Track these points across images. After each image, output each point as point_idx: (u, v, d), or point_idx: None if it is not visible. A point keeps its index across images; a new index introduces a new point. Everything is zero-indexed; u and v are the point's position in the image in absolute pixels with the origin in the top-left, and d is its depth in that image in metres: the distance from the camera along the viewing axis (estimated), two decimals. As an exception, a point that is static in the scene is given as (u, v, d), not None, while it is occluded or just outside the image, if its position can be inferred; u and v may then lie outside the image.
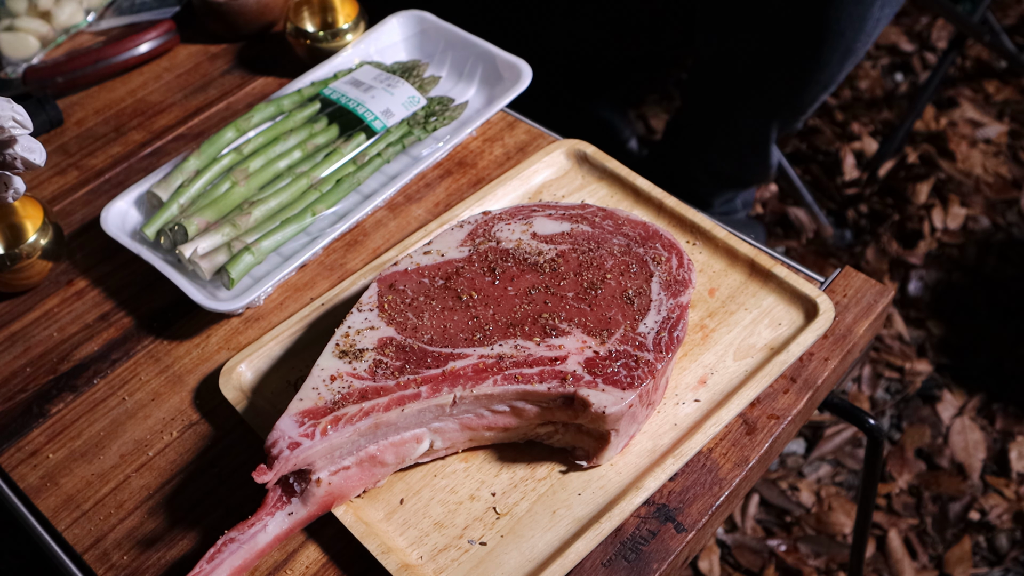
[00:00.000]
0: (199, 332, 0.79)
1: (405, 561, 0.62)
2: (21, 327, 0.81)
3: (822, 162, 1.98)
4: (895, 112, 2.06)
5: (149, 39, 1.04)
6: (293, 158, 0.89)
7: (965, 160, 1.95)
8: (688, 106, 1.70)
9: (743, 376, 0.71)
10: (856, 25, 1.32)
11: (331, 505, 0.64)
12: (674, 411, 0.70)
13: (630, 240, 0.73)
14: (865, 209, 1.89)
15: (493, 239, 0.73)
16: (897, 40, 2.22)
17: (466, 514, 0.65)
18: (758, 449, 0.68)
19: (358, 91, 0.91)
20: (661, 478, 0.65)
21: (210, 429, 0.73)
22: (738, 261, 0.78)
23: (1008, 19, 2.24)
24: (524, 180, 0.86)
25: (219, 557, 0.60)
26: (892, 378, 1.64)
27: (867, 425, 0.81)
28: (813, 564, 1.43)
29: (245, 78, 1.03)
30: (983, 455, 1.54)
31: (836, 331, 0.75)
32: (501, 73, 0.95)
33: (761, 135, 1.54)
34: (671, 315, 0.68)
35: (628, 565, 0.63)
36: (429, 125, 0.91)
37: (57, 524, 0.68)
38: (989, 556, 1.43)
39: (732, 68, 1.50)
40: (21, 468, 0.72)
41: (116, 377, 0.77)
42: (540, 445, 0.68)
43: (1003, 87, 2.10)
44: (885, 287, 0.77)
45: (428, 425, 0.65)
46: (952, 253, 1.81)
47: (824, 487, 1.52)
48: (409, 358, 0.65)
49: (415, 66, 0.96)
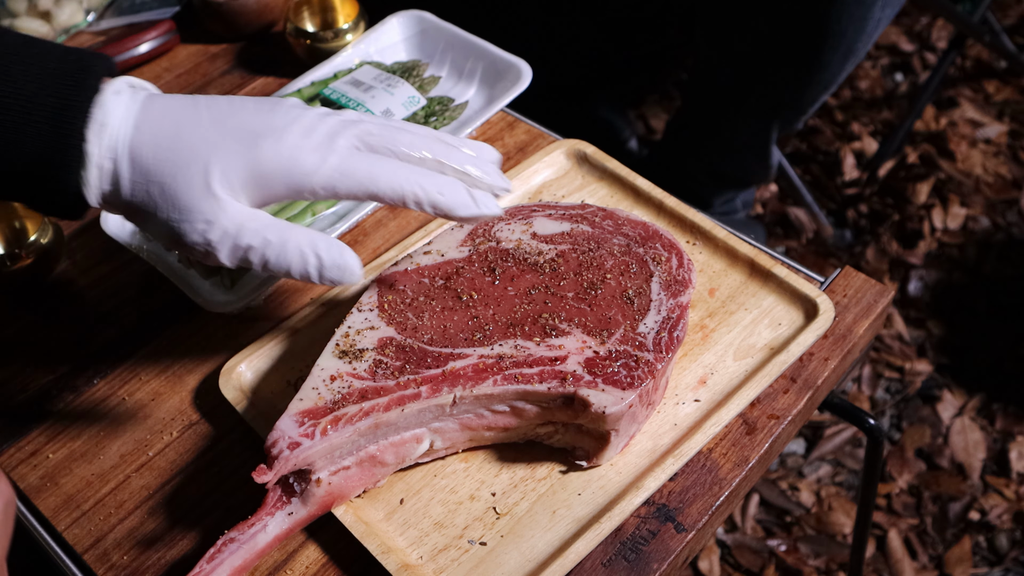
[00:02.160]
0: (199, 332, 0.79)
1: (405, 561, 0.62)
2: (21, 327, 0.81)
3: (822, 162, 1.98)
4: (895, 112, 2.06)
5: (149, 39, 1.04)
6: (293, 158, 0.88)
7: (965, 160, 1.95)
8: (688, 106, 1.70)
9: (743, 376, 0.71)
10: (857, 25, 1.32)
11: (331, 505, 0.64)
12: (674, 411, 0.70)
13: (630, 240, 0.73)
14: (865, 209, 1.89)
15: (493, 239, 0.73)
16: (897, 40, 2.22)
17: (466, 514, 0.66)
18: (758, 449, 0.68)
19: (358, 91, 0.91)
20: (661, 478, 0.65)
21: (210, 429, 0.73)
22: (738, 261, 0.78)
23: (1008, 19, 2.24)
24: (524, 180, 0.86)
25: (219, 557, 0.60)
26: (892, 378, 1.64)
27: (867, 425, 0.81)
28: (813, 564, 1.43)
29: (245, 78, 1.03)
30: (983, 455, 1.54)
31: (836, 331, 0.75)
32: (501, 73, 0.95)
33: (761, 135, 1.54)
34: (671, 315, 0.68)
35: (628, 565, 0.63)
36: (429, 125, 0.91)
37: (57, 524, 0.68)
38: (989, 556, 1.43)
39: (732, 68, 1.50)
40: (21, 468, 0.72)
41: (116, 377, 0.77)
42: (540, 445, 0.68)
43: (1003, 87, 2.10)
44: (885, 287, 0.77)
45: (428, 425, 0.65)
46: (952, 253, 1.81)
47: (824, 487, 1.52)
48: (409, 358, 0.65)
49: (415, 66, 0.96)
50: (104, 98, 0.56)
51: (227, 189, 0.56)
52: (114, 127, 0.56)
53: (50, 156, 0.55)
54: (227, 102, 0.58)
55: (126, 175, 0.56)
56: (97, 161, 0.56)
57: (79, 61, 0.56)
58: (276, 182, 0.57)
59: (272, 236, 0.57)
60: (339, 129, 0.58)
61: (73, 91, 0.55)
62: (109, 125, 0.56)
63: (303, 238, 0.58)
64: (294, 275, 0.58)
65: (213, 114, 0.57)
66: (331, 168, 0.57)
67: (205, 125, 0.57)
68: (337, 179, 0.57)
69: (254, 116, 0.58)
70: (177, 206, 0.56)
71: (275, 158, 0.56)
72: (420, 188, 0.58)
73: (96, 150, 0.55)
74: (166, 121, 0.57)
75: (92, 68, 0.56)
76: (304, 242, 0.57)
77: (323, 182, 0.57)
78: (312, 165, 0.57)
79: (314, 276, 0.58)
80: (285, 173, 0.57)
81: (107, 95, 0.56)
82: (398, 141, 0.60)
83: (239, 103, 0.58)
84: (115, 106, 0.56)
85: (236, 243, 0.57)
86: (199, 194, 0.55)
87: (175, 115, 0.57)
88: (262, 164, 0.56)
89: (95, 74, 0.56)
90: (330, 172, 0.57)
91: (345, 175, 0.57)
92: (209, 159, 0.56)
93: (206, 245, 0.56)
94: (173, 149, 0.56)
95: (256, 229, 0.57)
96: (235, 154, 0.56)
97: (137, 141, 0.56)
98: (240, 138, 0.56)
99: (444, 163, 0.60)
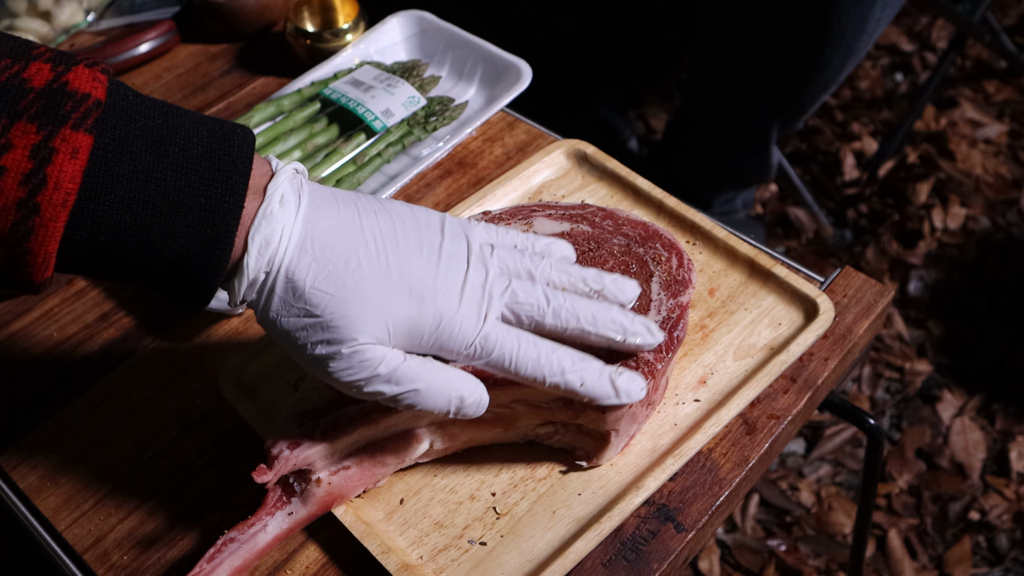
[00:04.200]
0: (199, 332, 0.79)
1: (405, 561, 0.62)
2: (21, 327, 0.81)
3: (822, 162, 1.98)
4: (895, 112, 2.06)
5: (149, 39, 1.04)
6: (293, 158, 0.89)
7: (965, 160, 1.95)
8: (688, 106, 1.70)
9: (743, 376, 0.71)
10: (857, 25, 1.32)
11: (331, 505, 0.64)
12: (674, 411, 0.70)
13: (630, 240, 0.73)
14: (865, 209, 1.89)
15: (493, 239, 0.72)
16: (897, 40, 2.22)
17: (466, 514, 0.66)
18: (758, 449, 0.68)
19: (358, 91, 0.91)
20: (661, 478, 0.65)
21: (210, 429, 0.73)
22: (738, 261, 0.78)
23: (1008, 19, 2.24)
24: (524, 180, 0.86)
25: (219, 557, 0.60)
26: (892, 378, 1.64)
27: (867, 425, 0.81)
28: (813, 564, 1.43)
29: (245, 78, 1.03)
30: (983, 455, 1.54)
31: (836, 331, 0.75)
32: (501, 73, 0.95)
33: (761, 135, 1.54)
34: (671, 315, 0.68)
35: (628, 565, 0.63)
36: (429, 125, 0.91)
37: (57, 524, 0.68)
38: (989, 556, 1.43)
39: (732, 68, 1.50)
40: (21, 468, 0.72)
41: (116, 377, 0.77)
42: (540, 445, 0.68)
43: (1003, 87, 2.10)
44: (885, 287, 0.77)
45: (428, 425, 0.65)
46: (952, 253, 1.81)
47: (824, 487, 1.52)
48: (409, 358, 0.65)
49: (415, 66, 0.96)
50: (270, 207, 0.53)
51: (383, 339, 0.55)
52: (274, 244, 0.53)
53: (199, 267, 0.52)
54: (391, 231, 0.56)
55: (278, 294, 0.54)
56: (252, 276, 0.53)
57: (224, 144, 0.52)
58: (428, 341, 0.56)
59: (421, 385, 0.56)
60: (494, 292, 0.57)
61: (225, 191, 0.51)
62: (271, 244, 0.53)
63: (452, 382, 0.57)
64: (437, 413, 0.58)
65: (379, 251, 0.55)
66: (480, 342, 0.56)
67: (371, 266, 0.55)
68: (480, 354, 0.57)
69: (422, 268, 0.56)
70: (330, 342, 0.54)
71: (434, 322, 0.56)
72: (561, 377, 0.58)
73: (254, 264, 0.53)
74: (329, 249, 0.54)
75: (240, 155, 0.53)
76: (452, 388, 0.57)
77: (469, 354, 0.57)
78: (467, 336, 0.56)
79: (452, 414, 0.58)
80: (439, 337, 0.56)
81: (272, 203, 0.53)
82: (544, 312, 0.58)
83: (403, 236, 0.56)
84: (280, 218, 0.53)
85: (379, 389, 0.56)
86: (355, 337, 0.54)
87: (340, 243, 0.54)
88: (422, 325, 0.55)
89: (244, 163, 0.52)
90: (478, 346, 0.57)
91: (492, 352, 0.57)
92: (372, 309, 0.54)
93: (352, 386, 0.56)
94: (337, 286, 0.53)
95: (408, 377, 0.56)
96: (398, 308, 0.55)
97: (297, 265, 0.53)
98: (405, 293, 0.55)
99: (590, 333, 0.59)
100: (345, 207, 0.56)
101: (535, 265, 0.60)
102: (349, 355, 0.54)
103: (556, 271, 0.61)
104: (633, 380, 0.60)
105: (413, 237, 0.57)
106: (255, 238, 0.52)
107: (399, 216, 0.57)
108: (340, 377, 0.55)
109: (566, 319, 0.59)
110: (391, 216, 0.57)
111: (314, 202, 0.55)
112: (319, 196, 0.56)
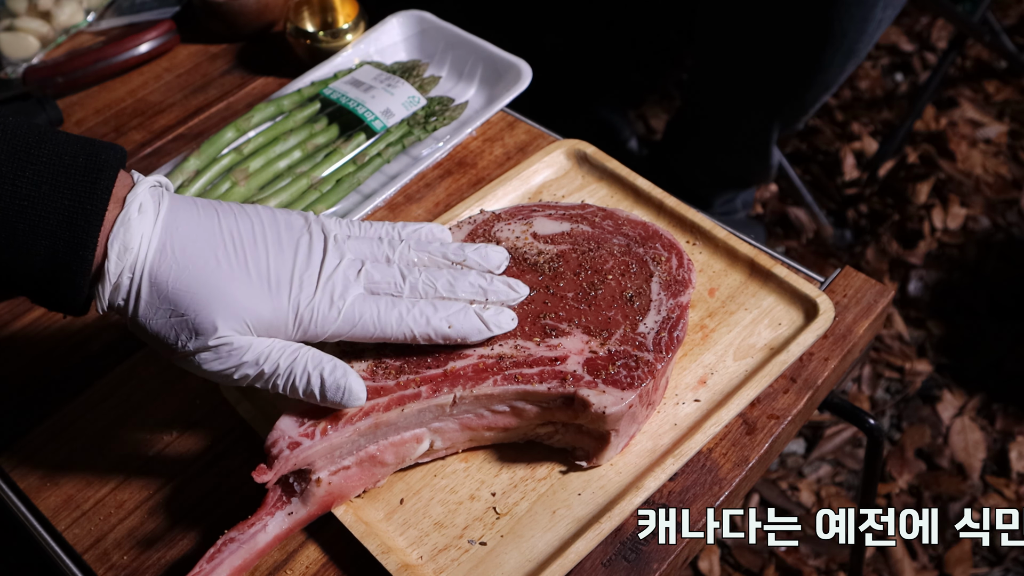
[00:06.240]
0: (199, 332, 0.79)
1: (405, 561, 0.62)
2: (21, 327, 0.81)
3: (822, 162, 1.98)
4: (895, 112, 2.06)
5: (149, 39, 1.04)
6: (293, 158, 0.89)
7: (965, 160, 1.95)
8: (688, 106, 1.71)
9: (743, 376, 0.71)
10: (858, 26, 1.32)
11: (331, 505, 0.64)
12: (674, 411, 0.70)
13: (630, 240, 0.73)
14: (865, 209, 1.89)
15: (493, 239, 0.73)
16: (897, 40, 2.22)
17: (466, 514, 0.66)
18: (758, 449, 0.68)
19: (358, 91, 0.91)
20: (661, 478, 0.65)
21: (210, 429, 0.73)
22: (738, 261, 0.78)
23: (1008, 19, 2.24)
24: (524, 180, 0.86)
25: (219, 557, 0.60)
26: (892, 378, 1.64)
27: (867, 425, 0.81)
28: (813, 564, 1.43)
29: (245, 78, 1.03)
30: (983, 455, 1.54)
31: (836, 331, 0.75)
32: (501, 73, 0.95)
33: (762, 135, 1.54)
34: (671, 315, 0.68)
35: (628, 565, 0.63)
36: (429, 125, 0.91)
37: (57, 524, 0.68)
38: (989, 556, 1.43)
39: (733, 68, 1.50)
40: (21, 468, 0.72)
41: (116, 377, 0.77)
42: (540, 445, 0.68)
43: (1003, 87, 2.10)
44: (885, 287, 0.77)
45: (428, 425, 0.65)
46: (952, 253, 1.81)
47: (824, 487, 1.52)
48: (409, 358, 0.65)
49: (415, 66, 0.96)
50: (128, 215, 0.56)
51: (245, 329, 0.58)
52: (134, 249, 0.56)
53: (64, 267, 0.55)
54: (250, 231, 0.60)
55: (144, 297, 0.57)
56: (114, 280, 0.57)
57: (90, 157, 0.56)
58: (290, 327, 0.60)
59: (285, 366, 0.60)
60: (349, 275, 0.61)
61: (87, 195, 0.55)
62: (131, 249, 0.56)
63: (310, 360, 0.60)
64: (300, 397, 0.61)
65: (238, 249, 0.59)
66: (343, 320, 0.60)
67: (230, 263, 0.58)
68: (347, 329, 0.61)
69: (280, 262, 0.60)
70: (197, 336, 0.58)
71: (294, 309, 0.60)
72: (428, 326, 0.62)
73: (115, 268, 0.56)
74: (189, 251, 0.58)
75: (105, 165, 0.56)
76: (311, 364, 0.60)
77: (334, 331, 0.61)
78: (326, 319, 0.60)
79: (316, 398, 0.61)
80: (302, 322, 0.60)
81: (131, 210, 0.56)
82: (401, 287, 0.63)
83: (261, 236, 0.60)
84: (138, 225, 0.56)
85: (247, 374, 0.60)
86: (219, 329, 0.57)
87: (200, 245, 0.58)
88: (283, 312, 0.59)
89: (108, 173, 0.56)
90: (341, 323, 0.61)
91: (355, 325, 0.61)
92: (233, 301, 0.58)
93: (223, 374, 0.59)
94: (198, 284, 0.57)
95: (273, 360, 0.59)
96: (258, 300, 0.58)
97: (159, 268, 0.57)
98: (264, 286, 0.59)
99: (449, 297, 0.64)
100: (205, 212, 0.60)
101: (392, 249, 0.64)
102: (216, 347, 0.58)
103: (415, 251, 0.65)
104: (501, 312, 0.64)
105: (272, 236, 0.60)
106: (114, 243, 0.56)
107: (259, 218, 0.61)
108: (210, 367, 0.59)
109: (423, 290, 0.63)
110: (251, 219, 0.61)
111: (173, 209, 0.58)
112: (179, 204, 0.59)
